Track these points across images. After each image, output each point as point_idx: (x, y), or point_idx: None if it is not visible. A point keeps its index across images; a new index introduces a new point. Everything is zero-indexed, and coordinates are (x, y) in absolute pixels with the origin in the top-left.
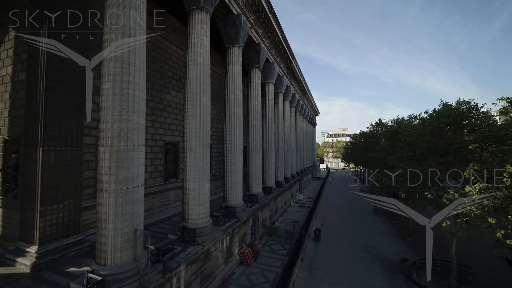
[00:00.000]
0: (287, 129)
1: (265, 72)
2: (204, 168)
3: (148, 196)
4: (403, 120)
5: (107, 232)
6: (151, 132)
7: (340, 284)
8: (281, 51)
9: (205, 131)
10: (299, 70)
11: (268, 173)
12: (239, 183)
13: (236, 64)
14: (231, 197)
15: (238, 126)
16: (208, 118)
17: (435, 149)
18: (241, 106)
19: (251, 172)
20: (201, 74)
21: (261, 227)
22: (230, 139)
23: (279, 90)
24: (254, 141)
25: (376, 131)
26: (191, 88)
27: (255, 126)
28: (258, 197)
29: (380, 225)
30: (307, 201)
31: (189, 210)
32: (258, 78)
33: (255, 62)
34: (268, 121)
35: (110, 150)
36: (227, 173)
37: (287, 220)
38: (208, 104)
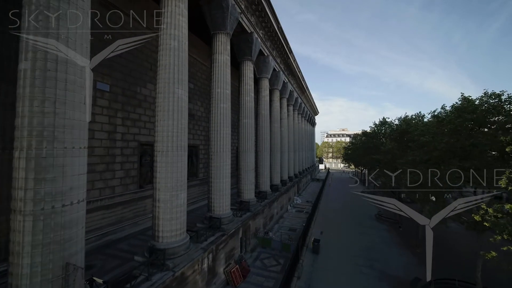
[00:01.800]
0: (284, 129)
1: (259, 65)
2: (179, 174)
3: (117, 206)
4: (412, 118)
5: (20, 270)
6: (121, 131)
7: None
8: (277, 44)
9: (181, 130)
10: (297, 66)
11: (262, 176)
12: (226, 190)
13: (223, 53)
14: (217, 206)
15: (225, 125)
16: (185, 115)
17: (453, 151)
18: (229, 102)
19: (242, 176)
20: (175, 60)
21: (253, 238)
22: (216, 139)
23: (275, 86)
24: (246, 141)
25: (380, 131)
26: (163, 78)
27: (247, 125)
28: (250, 204)
29: (384, 233)
30: (305, 206)
31: (159, 226)
32: (250, 71)
33: (247, 54)
34: (262, 120)
35: (26, 156)
36: (212, 178)
37: (284, 228)
38: (184, 97)
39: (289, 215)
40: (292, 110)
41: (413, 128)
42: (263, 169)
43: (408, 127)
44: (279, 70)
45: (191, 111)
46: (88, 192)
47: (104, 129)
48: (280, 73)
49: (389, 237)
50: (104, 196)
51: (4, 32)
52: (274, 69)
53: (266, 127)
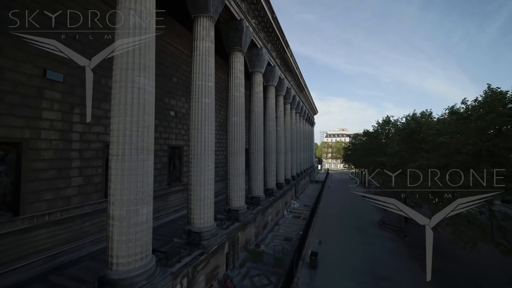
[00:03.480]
0: (280, 128)
1: (251, 59)
2: (141, 184)
3: (75, 220)
4: (423, 115)
5: None
6: (79, 130)
7: None
8: (272, 37)
9: (145, 128)
10: (294, 62)
11: (255, 180)
12: (208, 199)
13: (205, 40)
14: (197, 218)
15: (208, 122)
16: (150, 110)
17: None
18: (213, 97)
19: (231, 181)
20: (135, 41)
21: (243, 251)
22: (197, 139)
23: (270, 82)
24: (235, 142)
25: (383, 130)
26: (120, 63)
27: (236, 124)
28: (240, 212)
29: (389, 243)
30: (303, 210)
31: (113, 250)
32: (240, 64)
33: (236, 44)
34: (255, 118)
35: None
36: (192, 185)
37: (278, 237)
38: (149, 88)
39: (285, 221)
40: (290, 108)
41: (426, 127)
42: (256, 172)
43: (418, 125)
44: (275, 64)
45: (173, 107)
46: (31, 205)
47: (56, 127)
48: (275, 68)
49: (394, 248)
50: (55, 209)
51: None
52: (269, 63)
53: (259, 126)
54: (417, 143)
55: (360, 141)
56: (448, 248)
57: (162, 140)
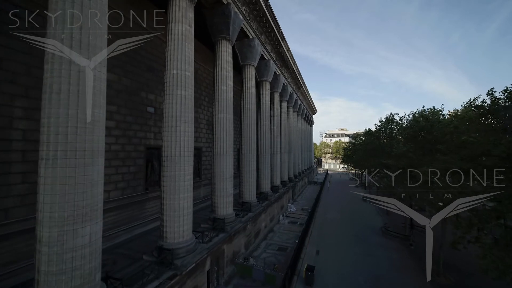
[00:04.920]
0: (276, 127)
1: (242, 50)
2: (83, 196)
3: (10, 238)
4: (432, 111)
5: None
6: (19, 127)
7: None
8: (266, 28)
9: (88, 124)
10: (291, 57)
11: (247, 184)
12: (184, 209)
13: (182, 22)
14: (171, 232)
15: (185, 119)
16: (101, 101)
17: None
18: (190, 89)
19: (217, 186)
20: None
21: (230, 265)
22: (170, 138)
23: (264, 77)
24: (221, 141)
25: (386, 130)
26: (52, 34)
27: (223, 121)
28: (226, 221)
29: (393, 253)
30: (300, 215)
31: (42, 284)
32: (228, 54)
33: (223, 32)
34: (247, 116)
35: None
36: (164, 193)
37: (272, 246)
38: (100, 75)
39: (280, 227)
40: (286, 106)
41: (441, 124)
42: (248, 174)
43: (428, 123)
44: (269, 58)
45: (152, 103)
46: None
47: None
48: (270, 62)
49: (400, 259)
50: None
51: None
52: (263, 57)
53: (251, 124)
54: (426, 143)
55: (361, 141)
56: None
57: (137, 140)
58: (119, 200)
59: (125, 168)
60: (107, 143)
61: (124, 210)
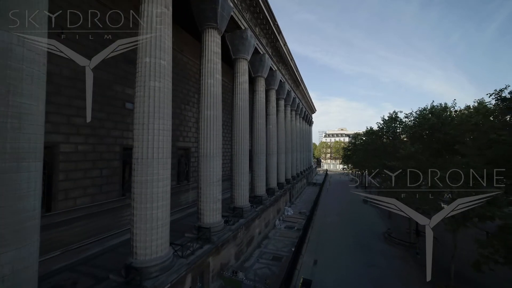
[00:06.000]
0: (272, 126)
1: (234, 42)
2: None
3: None
4: (445, 107)
5: None
6: None
7: None
8: (261, 19)
9: (20, 121)
10: (288, 52)
11: (238, 187)
12: (158, 220)
13: (158, 3)
14: (140, 248)
15: (159, 115)
16: (34, 90)
17: None
18: (167, 80)
19: (203, 191)
20: None
21: (217, 279)
22: (142, 138)
23: (259, 73)
24: (207, 141)
25: (389, 129)
26: None
27: (210, 118)
28: (213, 230)
29: (399, 263)
30: (297, 219)
31: None
32: (215, 44)
33: (209, 19)
34: (239, 114)
35: None
36: (134, 201)
37: (266, 255)
38: (33, 56)
39: (276, 233)
40: (284, 105)
41: (459, 120)
42: (240, 177)
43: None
44: (264, 53)
45: (131, 98)
46: None
47: None
48: (265, 56)
49: (406, 270)
50: None
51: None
52: (257, 51)
53: (244, 123)
54: (437, 142)
55: (361, 140)
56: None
57: (112, 140)
58: (89, 208)
59: (96, 171)
60: (73, 143)
61: (95, 219)
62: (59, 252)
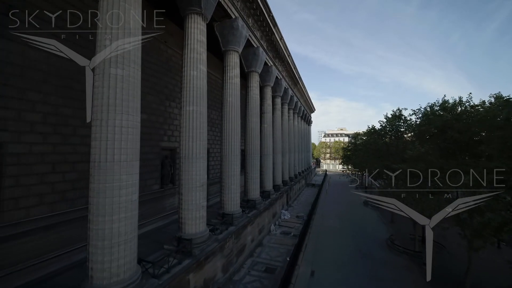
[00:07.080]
0: (267, 125)
1: (224, 33)
2: None
3: None
4: (459, 102)
5: None
6: None
7: None
8: (254, 9)
9: None
10: (285, 47)
11: (228, 191)
12: (120, 236)
13: None
14: (97, 269)
15: (122, 109)
16: None
17: None
18: (135, 69)
19: (185, 197)
20: None
21: None
22: (100, 137)
23: (253, 68)
24: (190, 141)
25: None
26: None
27: (193, 115)
28: (195, 242)
29: (404, 273)
30: (295, 223)
31: None
32: (200, 32)
33: (193, 4)
34: (228, 111)
35: None
36: (90, 213)
37: (258, 266)
38: None
39: (270, 239)
40: (281, 103)
41: (483, 116)
42: (230, 180)
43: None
44: (258, 46)
45: None
46: None
47: None
48: (259, 50)
49: (412, 281)
50: None
51: None
52: (251, 44)
53: (235, 121)
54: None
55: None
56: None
57: (78, 139)
58: (47, 219)
59: (57, 175)
60: (26, 143)
61: (54, 231)
62: (7, 271)
